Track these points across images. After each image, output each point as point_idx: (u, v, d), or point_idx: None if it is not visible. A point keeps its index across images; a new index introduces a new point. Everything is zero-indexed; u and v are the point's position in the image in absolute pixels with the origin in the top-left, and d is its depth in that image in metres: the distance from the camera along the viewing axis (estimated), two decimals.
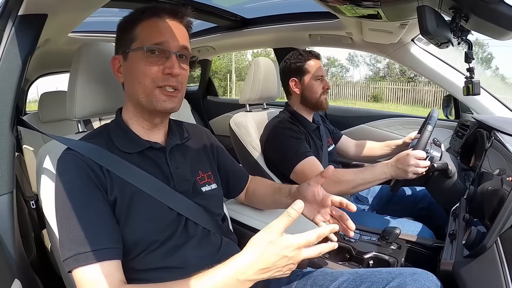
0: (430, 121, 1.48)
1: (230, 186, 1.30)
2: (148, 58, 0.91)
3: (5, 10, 1.04)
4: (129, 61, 0.95)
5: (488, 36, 1.02)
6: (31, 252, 1.49)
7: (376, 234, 1.36)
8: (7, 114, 1.03)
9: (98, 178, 0.88)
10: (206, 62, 3.65)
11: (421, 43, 2.08)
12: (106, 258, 0.81)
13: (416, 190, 1.95)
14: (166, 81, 0.92)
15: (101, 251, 0.80)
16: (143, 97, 0.93)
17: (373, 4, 1.28)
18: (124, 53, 0.96)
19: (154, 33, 0.92)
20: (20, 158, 2.35)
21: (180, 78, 0.95)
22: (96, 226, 0.83)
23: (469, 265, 0.88)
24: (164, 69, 0.91)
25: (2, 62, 1.02)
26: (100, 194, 0.87)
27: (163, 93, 0.93)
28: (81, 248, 0.79)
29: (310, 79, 1.80)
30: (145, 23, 0.94)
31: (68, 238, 0.82)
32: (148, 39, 0.92)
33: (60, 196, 0.86)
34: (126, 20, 0.98)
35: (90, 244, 0.80)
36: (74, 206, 0.83)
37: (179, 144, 1.07)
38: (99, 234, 0.82)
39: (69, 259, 0.79)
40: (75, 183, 0.86)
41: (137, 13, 0.96)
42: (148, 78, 0.91)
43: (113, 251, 0.83)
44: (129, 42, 0.95)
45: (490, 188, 1.02)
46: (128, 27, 0.96)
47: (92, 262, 0.79)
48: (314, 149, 1.78)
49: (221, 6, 2.38)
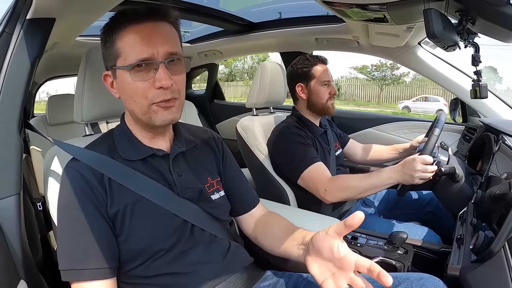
0: (438, 124, 1.47)
1: (232, 202, 1.16)
2: (135, 75, 0.85)
3: (14, 14, 1.05)
4: (119, 79, 0.89)
5: (495, 39, 1.01)
6: (37, 254, 1.49)
7: (383, 239, 1.35)
8: (15, 117, 1.05)
9: (96, 193, 0.88)
10: (213, 66, 3.65)
11: (428, 46, 2.07)
12: (97, 277, 0.84)
13: (423, 194, 1.94)
14: (161, 96, 0.86)
15: (93, 271, 0.83)
16: (141, 115, 0.90)
17: (380, 8, 1.27)
18: (112, 70, 0.90)
19: (136, 46, 0.84)
20: (27, 159, 2.37)
21: (175, 87, 0.88)
22: (89, 245, 0.84)
23: (476, 270, 0.87)
24: (155, 83, 0.85)
25: (11, 65, 1.03)
26: (97, 212, 0.87)
27: (160, 107, 0.88)
28: (74, 264, 0.83)
29: (316, 84, 1.79)
30: (124, 33, 0.85)
31: (63, 251, 0.85)
32: (130, 54, 0.84)
33: (59, 210, 0.89)
34: (105, 32, 0.89)
35: (83, 262, 0.83)
36: (70, 222, 0.86)
37: (184, 151, 1.05)
38: (92, 253, 0.84)
39: (64, 271, 0.83)
40: (72, 201, 0.86)
41: (114, 23, 0.87)
42: (141, 97, 0.86)
43: (105, 271, 0.85)
44: (114, 58, 0.88)
45: (498, 192, 1.02)
46: (108, 40, 0.88)
47: (84, 280, 0.83)
48: (322, 153, 1.78)
49: (228, 10, 2.40)
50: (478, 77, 1.28)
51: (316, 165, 1.62)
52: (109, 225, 0.88)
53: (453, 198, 1.43)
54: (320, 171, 1.61)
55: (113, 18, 0.88)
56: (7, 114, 1.03)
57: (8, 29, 1.04)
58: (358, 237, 1.38)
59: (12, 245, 1.00)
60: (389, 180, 1.43)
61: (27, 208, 1.62)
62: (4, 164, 1.02)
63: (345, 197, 1.54)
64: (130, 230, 0.88)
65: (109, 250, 0.86)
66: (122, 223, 0.88)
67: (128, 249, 0.89)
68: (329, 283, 0.76)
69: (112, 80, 0.93)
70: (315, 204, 1.66)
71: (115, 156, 0.95)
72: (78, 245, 0.84)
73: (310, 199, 1.66)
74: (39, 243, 1.62)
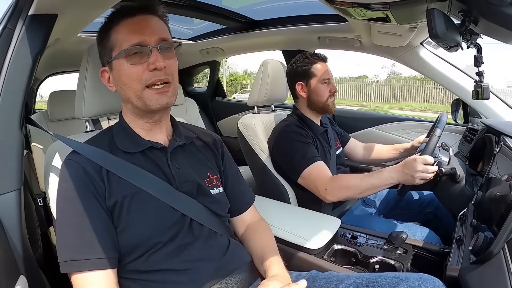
0: (439, 125, 1.47)
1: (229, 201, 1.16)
2: (130, 60, 0.91)
3: (16, 9, 1.05)
4: (115, 70, 0.95)
5: (498, 40, 1.01)
6: (37, 249, 1.49)
7: (383, 239, 1.35)
8: (17, 113, 1.05)
9: (96, 185, 0.89)
10: (215, 64, 3.65)
11: (430, 46, 2.07)
12: (98, 268, 0.84)
13: (424, 195, 1.94)
14: (154, 77, 0.91)
15: (94, 261, 0.83)
16: (136, 100, 0.93)
17: (382, 7, 1.27)
18: (109, 63, 0.96)
19: (129, 34, 0.91)
20: (28, 156, 2.37)
21: (168, 70, 0.93)
22: (90, 236, 0.85)
23: (475, 271, 0.87)
24: (149, 66, 0.90)
25: (12, 61, 1.03)
26: (97, 203, 0.88)
27: (154, 92, 0.92)
28: (74, 255, 0.83)
29: (316, 83, 1.79)
30: (118, 27, 0.93)
31: (63, 243, 0.85)
32: (125, 42, 0.91)
33: (59, 202, 0.90)
34: (101, 30, 0.97)
35: (83, 253, 0.83)
36: (71, 214, 0.87)
37: (183, 145, 1.07)
38: (93, 243, 0.84)
39: (63, 263, 0.83)
40: (73, 192, 0.87)
41: (108, 20, 0.96)
42: (135, 80, 0.91)
43: (105, 261, 0.85)
44: (109, 52, 0.95)
45: (498, 193, 1.02)
46: (104, 36, 0.96)
47: (84, 270, 0.82)
48: (322, 152, 1.78)
49: (230, 8, 2.39)
50: (480, 78, 1.27)
51: (317, 164, 1.62)
52: (108, 217, 0.89)
53: (454, 198, 1.43)
54: (320, 170, 1.61)
55: (107, 17, 0.96)
56: (8, 110, 1.03)
57: (10, 25, 1.04)
58: (357, 237, 1.38)
59: (12, 241, 1.00)
60: (390, 180, 1.43)
61: (28, 203, 1.62)
62: (5, 160, 1.02)
63: (345, 197, 1.54)
64: (127, 222, 0.89)
65: (110, 241, 0.87)
66: (120, 215, 0.89)
67: (125, 241, 0.89)
68: None
69: (109, 75, 0.99)
70: (316, 203, 1.66)
71: (114, 150, 0.97)
72: (78, 236, 0.85)
73: (311, 198, 1.66)
74: (39, 239, 1.62)
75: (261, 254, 1.07)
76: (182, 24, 2.99)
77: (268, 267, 0.99)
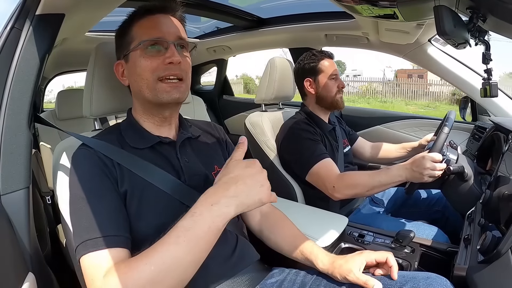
0: (447, 123, 1.46)
1: None
2: (148, 53, 0.94)
3: (23, 9, 1.06)
4: (131, 62, 0.97)
5: (506, 37, 1.00)
6: (45, 247, 1.51)
7: (390, 237, 1.34)
8: (25, 112, 1.06)
9: (109, 170, 0.90)
10: (222, 62, 3.65)
11: (438, 43, 2.05)
12: (115, 245, 0.81)
13: (432, 193, 1.93)
14: (168, 71, 0.93)
15: (110, 238, 0.81)
16: (147, 92, 0.95)
17: (390, 4, 1.26)
18: (125, 56, 0.99)
19: (149, 29, 0.95)
20: (37, 154, 2.39)
21: (183, 66, 0.96)
22: (107, 215, 0.84)
23: (483, 271, 0.86)
24: (165, 60, 0.93)
25: (20, 60, 1.04)
26: (112, 186, 0.89)
27: (167, 85, 0.94)
28: (91, 234, 0.80)
29: (325, 78, 1.79)
30: (139, 23, 0.97)
31: (80, 226, 0.83)
32: (145, 35, 0.94)
33: (73, 189, 0.88)
34: (122, 25, 1.01)
35: (100, 230, 0.81)
36: (87, 197, 0.85)
37: (190, 138, 1.09)
38: (109, 222, 0.83)
39: (79, 246, 0.80)
40: (88, 176, 0.88)
41: (130, 17, 1.00)
42: (149, 71, 0.93)
43: (122, 239, 0.83)
44: (127, 45, 0.98)
45: (507, 192, 1.00)
46: (124, 31, 0.99)
47: (101, 248, 0.79)
48: (330, 150, 1.77)
49: (237, 6, 2.39)
50: (488, 75, 1.26)
51: (325, 161, 1.62)
52: (122, 201, 0.89)
53: (462, 197, 1.42)
54: (328, 167, 1.61)
55: (132, 13, 1.01)
56: (17, 109, 1.04)
57: (18, 25, 1.05)
58: (365, 235, 1.38)
59: (21, 238, 1.01)
60: (398, 178, 1.42)
61: (36, 201, 1.64)
62: (14, 158, 1.03)
63: (353, 194, 1.54)
64: (135, 215, 0.89)
65: (124, 221, 0.86)
66: (130, 205, 0.89)
67: (133, 233, 0.88)
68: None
69: (123, 69, 1.02)
70: (323, 201, 1.66)
71: (123, 145, 0.98)
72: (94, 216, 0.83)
73: (318, 195, 1.65)
74: (47, 236, 1.64)
75: (294, 242, 1.11)
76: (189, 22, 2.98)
77: (316, 254, 1.05)
